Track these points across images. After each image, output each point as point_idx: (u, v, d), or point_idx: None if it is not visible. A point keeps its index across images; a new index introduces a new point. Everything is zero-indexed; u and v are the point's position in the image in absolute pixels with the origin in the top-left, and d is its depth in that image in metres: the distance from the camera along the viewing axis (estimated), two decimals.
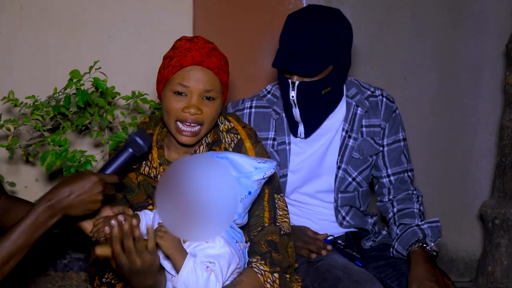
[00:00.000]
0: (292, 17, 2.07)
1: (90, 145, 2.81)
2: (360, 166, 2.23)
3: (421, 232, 2.12)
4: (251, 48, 2.95)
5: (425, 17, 3.08)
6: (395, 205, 2.25)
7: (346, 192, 2.24)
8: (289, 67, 2.02)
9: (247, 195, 1.72)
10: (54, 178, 2.81)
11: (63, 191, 1.59)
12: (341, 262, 2.07)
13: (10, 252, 1.53)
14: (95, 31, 2.85)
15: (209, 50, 1.82)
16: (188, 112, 1.79)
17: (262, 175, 1.73)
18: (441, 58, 3.11)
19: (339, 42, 2.04)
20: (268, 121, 2.22)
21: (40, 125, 2.32)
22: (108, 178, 1.65)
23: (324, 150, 2.22)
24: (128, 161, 1.70)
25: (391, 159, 2.25)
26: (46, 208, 1.57)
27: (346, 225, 2.26)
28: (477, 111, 3.14)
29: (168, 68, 1.81)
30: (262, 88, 2.32)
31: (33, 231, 1.56)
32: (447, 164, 3.17)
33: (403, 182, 2.26)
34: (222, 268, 1.64)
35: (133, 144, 1.70)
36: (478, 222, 3.11)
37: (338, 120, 2.21)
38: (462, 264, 3.19)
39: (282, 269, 1.82)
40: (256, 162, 1.73)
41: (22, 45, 2.83)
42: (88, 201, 1.60)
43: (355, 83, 2.26)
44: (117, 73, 2.57)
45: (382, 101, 2.24)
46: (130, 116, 2.48)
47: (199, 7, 2.90)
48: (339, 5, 2.96)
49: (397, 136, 2.25)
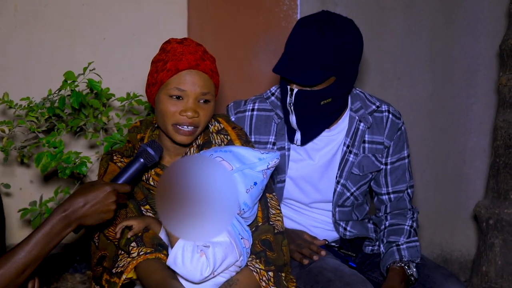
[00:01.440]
0: (300, 23, 2.02)
1: (85, 146, 2.80)
2: (359, 181, 2.20)
3: (398, 254, 2.13)
4: (245, 49, 2.95)
5: (419, 18, 3.09)
6: (388, 219, 2.24)
7: (343, 206, 2.22)
8: (288, 75, 1.98)
9: (253, 186, 1.75)
10: (49, 179, 2.80)
11: (77, 201, 1.61)
12: (332, 264, 2.06)
13: (26, 263, 1.56)
14: (90, 33, 2.85)
15: (202, 53, 1.84)
16: (185, 116, 1.80)
17: (266, 165, 1.75)
18: (434, 59, 3.12)
19: (346, 54, 1.98)
20: (269, 125, 2.17)
21: (35, 127, 2.32)
22: (121, 188, 1.68)
23: (324, 162, 2.18)
24: (139, 171, 1.74)
25: (393, 177, 2.22)
26: (61, 218, 1.60)
27: (350, 235, 2.24)
28: (471, 112, 3.16)
29: (162, 72, 1.81)
30: (256, 89, 2.31)
31: (48, 241, 1.58)
32: (441, 164, 3.19)
33: (401, 201, 2.24)
34: (216, 255, 1.65)
35: (144, 154, 1.73)
36: (472, 222, 3.12)
37: (341, 133, 2.16)
38: (456, 264, 3.20)
39: (277, 267, 1.82)
40: (259, 153, 1.76)
41: (17, 46, 2.82)
42: (102, 210, 1.63)
43: (361, 96, 2.19)
44: (111, 74, 2.57)
45: (388, 118, 2.18)
46: (125, 117, 2.48)
47: (194, 8, 2.90)
48: (334, 6, 2.97)
49: (401, 154, 2.21)
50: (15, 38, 2.83)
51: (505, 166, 2.35)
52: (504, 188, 2.35)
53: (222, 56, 2.88)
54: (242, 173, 1.72)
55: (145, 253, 1.74)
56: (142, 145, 1.75)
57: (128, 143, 1.96)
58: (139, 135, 1.96)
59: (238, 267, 1.76)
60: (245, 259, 1.77)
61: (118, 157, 1.92)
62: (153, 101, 1.88)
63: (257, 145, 2.17)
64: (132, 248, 1.77)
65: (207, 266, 1.63)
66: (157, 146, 1.75)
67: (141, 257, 1.73)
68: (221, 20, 2.93)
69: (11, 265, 1.54)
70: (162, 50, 1.86)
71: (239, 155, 1.74)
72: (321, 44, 1.95)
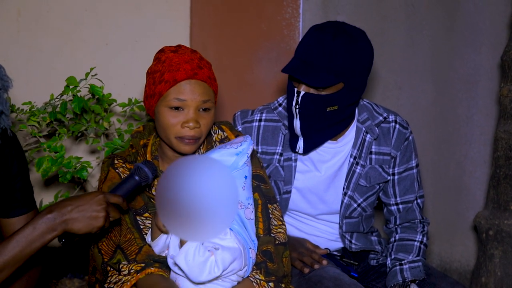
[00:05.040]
0: (313, 28, 2.03)
1: (85, 151, 2.80)
2: (366, 192, 2.19)
3: (401, 276, 2.13)
4: (247, 56, 2.96)
5: (420, 28, 3.10)
6: (398, 232, 2.24)
7: (350, 218, 2.21)
8: (296, 73, 1.97)
9: (245, 180, 1.76)
10: (49, 184, 2.80)
11: (64, 204, 1.57)
12: (332, 273, 2.05)
13: (4, 262, 1.50)
14: (92, 38, 2.85)
15: (199, 61, 1.82)
16: (187, 127, 1.79)
17: (246, 156, 1.76)
18: (435, 69, 3.13)
19: (356, 63, 1.98)
20: (276, 136, 2.16)
21: (36, 131, 2.32)
22: (112, 198, 1.64)
23: (331, 174, 2.17)
24: (133, 188, 1.72)
25: (401, 188, 2.21)
26: (45, 220, 1.54)
27: (356, 248, 2.24)
28: (471, 122, 3.16)
29: (160, 84, 1.80)
30: (257, 96, 2.31)
31: (30, 243, 1.52)
32: (441, 175, 3.19)
33: (411, 212, 2.23)
34: (225, 257, 1.65)
35: (139, 172, 1.72)
36: (472, 232, 3.12)
37: (348, 144, 2.16)
38: (455, 275, 3.20)
39: (277, 278, 1.82)
40: (233, 149, 1.76)
41: (19, 51, 2.83)
42: (90, 216, 1.56)
43: (368, 107, 2.19)
44: (113, 80, 2.58)
45: (395, 128, 2.17)
46: (126, 123, 2.48)
47: (196, 15, 2.91)
48: (336, 15, 2.98)
49: (409, 164, 2.20)
50: (18, 42, 2.83)
51: (505, 177, 2.35)
52: (504, 199, 2.35)
53: (223, 63, 2.90)
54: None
55: (136, 271, 1.72)
56: (136, 164, 1.74)
57: (131, 148, 1.95)
58: (142, 141, 1.94)
59: (241, 277, 1.75)
60: (249, 269, 1.77)
61: (120, 162, 1.91)
62: (152, 112, 1.86)
63: (264, 155, 2.17)
64: (123, 266, 1.75)
65: (215, 266, 1.63)
66: (152, 165, 1.74)
67: (133, 276, 1.72)
68: (223, 27, 2.94)
69: None
70: (157, 60, 1.84)
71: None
72: (333, 48, 1.95)
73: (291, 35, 2.95)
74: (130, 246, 1.80)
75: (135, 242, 1.79)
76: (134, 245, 1.79)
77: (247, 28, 2.94)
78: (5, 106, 1.48)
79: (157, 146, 1.93)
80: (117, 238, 1.81)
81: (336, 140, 2.15)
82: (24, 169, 1.81)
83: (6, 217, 1.80)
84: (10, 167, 1.75)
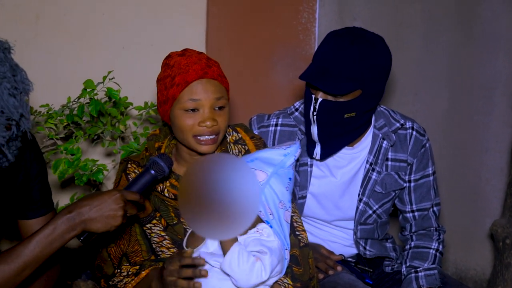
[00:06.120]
0: (331, 34, 2.02)
1: (101, 154, 2.82)
2: (382, 199, 2.18)
3: (416, 283, 2.12)
4: (263, 60, 2.96)
5: (437, 34, 3.08)
6: (413, 239, 2.22)
7: (365, 224, 2.20)
8: (314, 80, 1.97)
9: (289, 182, 1.79)
10: (65, 186, 2.82)
11: (83, 204, 1.58)
12: (347, 279, 2.05)
13: (26, 262, 1.52)
14: (109, 42, 2.87)
15: (206, 61, 1.84)
16: (204, 126, 1.80)
17: (293, 158, 1.81)
18: (452, 75, 3.11)
19: (374, 69, 1.97)
20: (292, 141, 2.12)
21: (53, 134, 2.33)
22: (129, 195, 1.65)
23: (346, 180, 2.16)
24: (149, 183, 1.72)
25: (417, 195, 2.19)
26: (65, 220, 1.56)
27: (370, 254, 2.23)
28: (488, 129, 3.13)
29: (172, 88, 1.81)
30: (272, 101, 2.31)
31: (50, 242, 1.54)
32: (457, 182, 3.16)
33: (426, 219, 2.21)
34: (272, 260, 1.67)
35: (155, 166, 1.72)
36: (488, 241, 3.09)
37: (364, 151, 2.14)
38: (471, 283, 3.16)
39: (302, 283, 1.82)
40: (282, 150, 1.81)
41: (37, 54, 2.85)
42: (108, 215, 1.58)
43: (385, 113, 2.17)
44: (129, 83, 2.59)
45: (412, 135, 2.16)
46: (142, 126, 2.49)
47: (212, 20, 2.92)
48: (352, 21, 2.97)
49: (425, 171, 2.19)
50: (35, 46, 2.85)
51: None
52: None
53: (239, 68, 2.90)
54: (277, 175, 1.74)
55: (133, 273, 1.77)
56: (152, 157, 1.75)
57: (145, 151, 1.96)
58: (157, 144, 1.96)
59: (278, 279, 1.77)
60: (284, 270, 1.78)
61: (133, 167, 1.92)
62: (168, 118, 1.87)
63: None
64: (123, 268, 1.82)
65: (262, 270, 1.64)
66: (167, 158, 1.74)
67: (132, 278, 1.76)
68: (239, 32, 2.95)
69: (11, 261, 1.50)
70: (166, 66, 1.85)
71: (266, 159, 1.76)
72: (350, 54, 1.94)
73: (307, 40, 2.94)
74: (135, 257, 1.84)
75: (141, 254, 1.84)
76: (139, 256, 1.84)
77: (263, 33, 2.94)
78: (25, 109, 1.50)
79: (171, 149, 1.94)
80: (125, 247, 1.85)
81: (353, 146, 2.14)
82: (43, 171, 1.83)
83: (25, 219, 1.82)
84: (30, 169, 1.77)
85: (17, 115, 1.49)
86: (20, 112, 1.49)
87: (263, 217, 1.75)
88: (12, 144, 1.54)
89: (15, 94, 1.49)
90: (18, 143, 1.57)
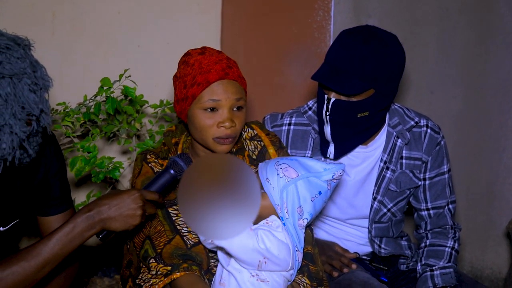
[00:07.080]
0: (344, 33, 2.00)
1: (117, 152, 2.84)
2: (396, 198, 2.17)
3: (432, 282, 2.11)
4: (278, 59, 2.96)
5: (453, 32, 3.06)
6: (429, 237, 2.21)
7: (380, 223, 2.19)
8: (326, 81, 1.96)
9: (318, 195, 1.76)
10: (81, 184, 2.84)
11: (103, 203, 1.60)
12: (362, 277, 2.04)
13: (46, 259, 1.54)
14: (124, 40, 2.89)
15: (227, 61, 1.84)
16: (223, 127, 1.81)
17: (331, 175, 1.77)
18: (468, 73, 3.09)
19: (387, 68, 1.95)
20: (306, 140, 2.16)
21: (70, 131, 2.35)
22: (149, 194, 1.66)
23: (361, 178, 2.16)
24: (169, 182, 1.74)
25: (433, 193, 2.18)
26: (84, 218, 1.58)
27: (385, 253, 2.22)
28: (505, 127, 3.11)
29: (193, 87, 1.81)
30: (287, 100, 2.30)
31: (70, 240, 1.56)
32: (474, 180, 3.14)
33: (442, 217, 2.20)
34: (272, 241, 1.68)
35: (174, 166, 1.73)
36: (504, 239, 3.06)
37: (378, 149, 2.14)
38: (487, 282, 3.14)
39: (318, 282, 1.82)
40: (325, 164, 1.78)
41: (53, 52, 2.88)
42: (128, 214, 1.60)
43: (399, 111, 2.16)
44: (145, 81, 2.60)
45: (426, 133, 2.15)
46: (157, 124, 2.51)
47: (227, 17, 2.92)
48: (367, 18, 2.96)
49: (440, 169, 2.18)
50: (52, 44, 2.88)
51: None
52: None
53: (253, 66, 2.90)
54: (307, 180, 1.73)
55: (162, 274, 1.73)
56: (172, 157, 1.76)
57: (163, 146, 1.97)
58: (174, 139, 1.97)
59: (288, 281, 1.76)
60: (295, 273, 1.77)
61: (152, 157, 1.93)
62: (185, 116, 1.87)
63: None
64: (152, 264, 1.76)
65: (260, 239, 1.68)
66: (188, 158, 1.76)
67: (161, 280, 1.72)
68: (254, 30, 2.95)
69: (31, 258, 1.52)
70: (185, 64, 1.85)
71: (305, 164, 1.76)
72: (363, 54, 1.92)
73: (322, 38, 2.94)
74: (159, 237, 1.82)
75: (165, 234, 1.82)
76: (163, 236, 1.81)
77: (278, 31, 2.94)
78: (45, 105, 1.52)
79: (188, 144, 1.95)
80: (147, 230, 1.83)
81: (367, 144, 2.14)
82: (62, 168, 1.85)
83: (45, 215, 1.84)
84: (50, 165, 1.79)
85: (37, 111, 1.51)
86: (40, 107, 1.51)
87: (278, 212, 1.76)
88: (33, 139, 1.56)
89: (35, 90, 1.51)
90: (39, 139, 1.59)
